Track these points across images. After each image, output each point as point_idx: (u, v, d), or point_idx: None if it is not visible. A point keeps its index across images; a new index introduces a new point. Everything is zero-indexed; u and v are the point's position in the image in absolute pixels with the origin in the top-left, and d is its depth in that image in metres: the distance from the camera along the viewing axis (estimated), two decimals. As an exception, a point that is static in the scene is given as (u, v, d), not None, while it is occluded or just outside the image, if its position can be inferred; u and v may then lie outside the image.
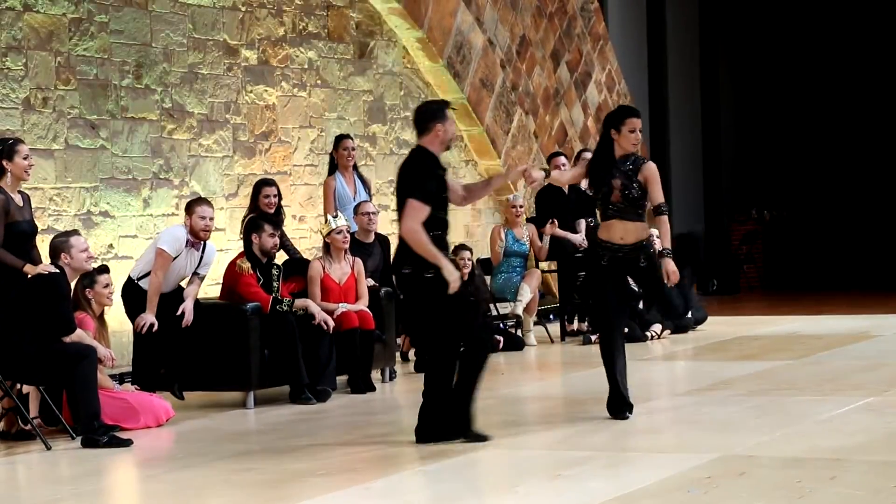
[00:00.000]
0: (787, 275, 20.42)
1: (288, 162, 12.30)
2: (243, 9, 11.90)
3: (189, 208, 9.15)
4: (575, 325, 13.10)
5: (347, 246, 9.93)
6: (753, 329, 13.19)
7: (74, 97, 10.39)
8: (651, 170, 7.79)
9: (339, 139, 11.16)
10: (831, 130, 20.99)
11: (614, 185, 7.75)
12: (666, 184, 18.83)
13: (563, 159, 13.17)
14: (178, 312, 8.95)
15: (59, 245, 8.16)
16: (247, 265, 9.29)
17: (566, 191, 12.98)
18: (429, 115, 7.39)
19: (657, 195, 7.84)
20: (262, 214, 9.78)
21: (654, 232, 8.45)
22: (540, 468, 6.58)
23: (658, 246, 8.27)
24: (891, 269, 19.51)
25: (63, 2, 10.32)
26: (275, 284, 9.35)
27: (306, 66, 12.55)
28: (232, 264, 9.42)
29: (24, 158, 8.01)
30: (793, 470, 6.13)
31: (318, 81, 12.69)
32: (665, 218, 7.88)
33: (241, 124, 11.86)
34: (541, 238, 12.68)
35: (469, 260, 12.04)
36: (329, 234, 9.90)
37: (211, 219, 9.14)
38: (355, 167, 11.16)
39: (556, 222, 12.60)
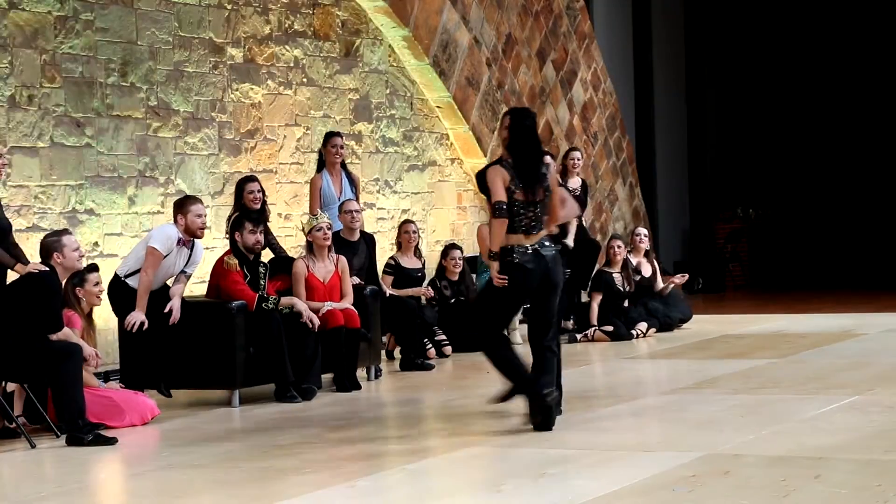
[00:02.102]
0: (773, 273, 20.47)
1: (274, 160, 12.29)
2: (229, 7, 11.88)
3: (182, 207, 9.11)
4: (560, 324, 13.10)
5: (329, 243, 9.92)
6: (739, 327, 13.21)
7: (60, 95, 10.37)
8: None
9: (329, 136, 11.15)
10: (816, 129, 21.05)
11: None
12: (651, 182, 19.10)
13: (548, 159, 13.14)
14: (166, 310, 8.94)
15: (51, 244, 8.14)
16: (234, 262, 9.28)
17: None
18: None
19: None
20: (246, 212, 9.76)
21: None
22: (525, 466, 6.59)
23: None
24: (876, 268, 19.58)
25: (48, -1, 10.30)
26: (261, 282, 9.35)
27: (292, 65, 12.54)
28: (220, 261, 9.41)
29: None
30: (778, 468, 6.14)
31: (304, 79, 12.68)
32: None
33: (227, 122, 11.84)
34: None
35: (460, 259, 12.07)
36: (310, 231, 9.89)
37: (206, 216, 9.18)
38: (343, 165, 11.15)
39: None
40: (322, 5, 12.93)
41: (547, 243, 7.61)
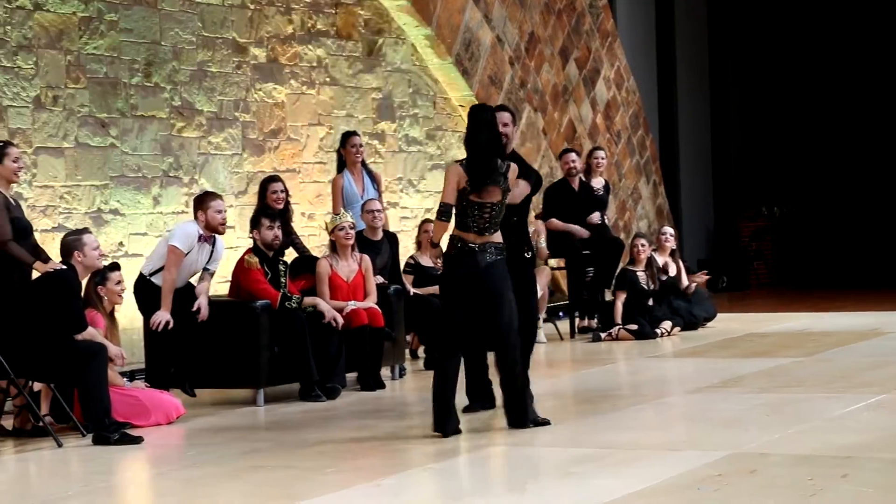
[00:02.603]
0: (797, 271, 20.39)
1: (297, 159, 12.31)
2: (252, 7, 11.90)
3: (202, 203, 9.10)
4: (584, 322, 13.10)
5: (352, 242, 9.91)
6: (763, 326, 13.17)
7: (84, 95, 10.40)
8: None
9: (347, 136, 11.15)
10: (840, 127, 20.96)
11: None
12: (675, 180, 19.05)
13: (573, 156, 13.16)
14: (194, 308, 8.96)
15: (72, 243, 8.15)
16: (255, 260, 9.30)
17: (575, 187, 12.99)
18: None
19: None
20: (265, 209, 9.78)
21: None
22: (550, 465, 6.58)
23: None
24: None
25: (73, 0, 10.34)
26: (282, 280, 9.35)
27: (315, 64, 12.55)
28: (241, 260, 9.43)
29: (14, 161, 8.05)
30: (804, 467, 6.12)
31: (327, 79, 12.69)
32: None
33: (251, 122, 11.86)
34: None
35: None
36: (333, 230, 9.90)
37: (226, 212, 9.18)
38: (364, 163, 11.16)
39: (542, 225, 12.60)
40: (345, 5, 12.94)
41: (491, 249, 7.43)
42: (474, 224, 7.44)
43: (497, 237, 7.49)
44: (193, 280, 9.18)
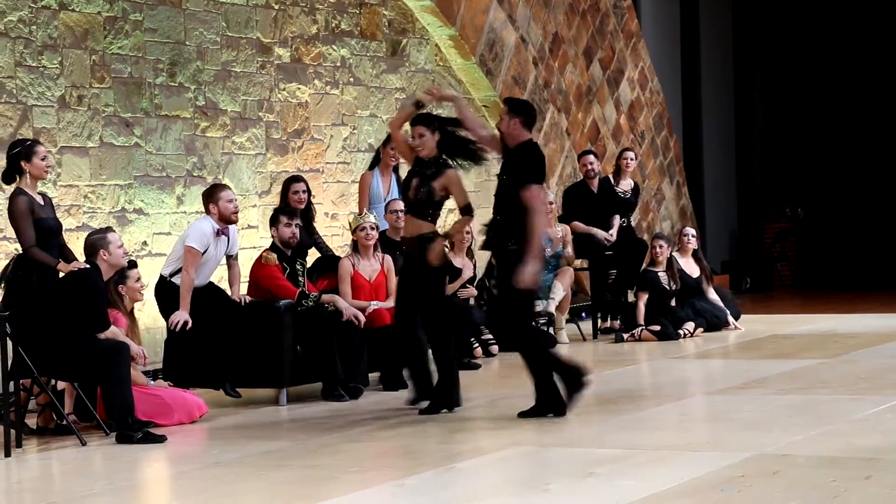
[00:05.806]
0: (821, 273, 20.32)
1: (320, 159, 12.33)
2: (276, 7, 11.93)
3: (211, 196, 9.09)
4: (607, 323, 13.09)
5: (373, 242, 9.92)
6: (787, 327, 13.13)
7: (109, 95, 10.44)
8: (448, 178, 8.48)
9: (390, 138, 11.16)
10: (865, 128, 20.87)
11: (412, 184, 8.47)
12: (699, 181, 19.01)
13: (591, 157, 13.14)
14: (238, 300, 9.02)
15: (97, 242, 8.18)
16: (273, 256, 9.32)
17: (594, 189, 12.97)
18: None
19: (460, 199, 8.60)
20: (282, 207, 9.81)
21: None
22: (572, 466, 6.57)
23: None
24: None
25: (98, 0, 10.38)
26: (300, 279, 9.35)
27: (339, 64, 12.57)
28: (259, 258, 9.45)
29: (42, 159, 8.06)
30: (827, 469, 6.10)
31: (351, 79, 12.71)
32: (470, 217, 8.74)
33: (274, 122, 11.89)
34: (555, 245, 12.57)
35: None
36: (354, 230, 9.91)
37: (237, 200, 9.19)
38: (396, 168, 11.17)
39: (567, 228, 12.59)
40: (369, 5, 12.95)
41: None
42: None
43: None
44: (214, 279, 9.22)
